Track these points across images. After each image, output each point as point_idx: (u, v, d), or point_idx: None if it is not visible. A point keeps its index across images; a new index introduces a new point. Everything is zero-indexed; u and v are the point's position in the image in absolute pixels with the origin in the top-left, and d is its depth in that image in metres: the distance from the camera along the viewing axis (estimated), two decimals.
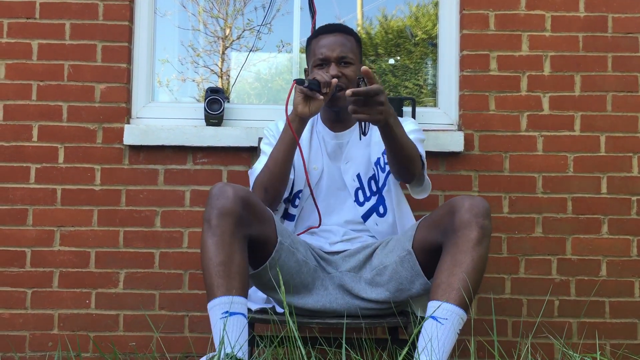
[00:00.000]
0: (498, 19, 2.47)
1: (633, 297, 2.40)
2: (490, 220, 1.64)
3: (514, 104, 2.45)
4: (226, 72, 2.96)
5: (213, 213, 1.62)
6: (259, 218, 1.70)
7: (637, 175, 2.43)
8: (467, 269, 1.57)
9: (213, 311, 1.58)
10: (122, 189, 2.43)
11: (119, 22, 2.46)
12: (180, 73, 2.78)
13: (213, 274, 1.59)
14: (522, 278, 2.41)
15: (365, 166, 1.98)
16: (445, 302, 1.55)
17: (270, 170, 1.84)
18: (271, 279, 1.77)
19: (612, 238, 2.42)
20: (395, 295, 1.80)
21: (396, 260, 1.79)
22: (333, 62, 1.92)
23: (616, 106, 2.45)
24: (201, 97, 2.83)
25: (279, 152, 1.84)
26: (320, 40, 1.95)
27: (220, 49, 2.94)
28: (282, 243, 1.75)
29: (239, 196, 1.63)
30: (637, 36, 2.46)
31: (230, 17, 2.93)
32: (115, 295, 2.40)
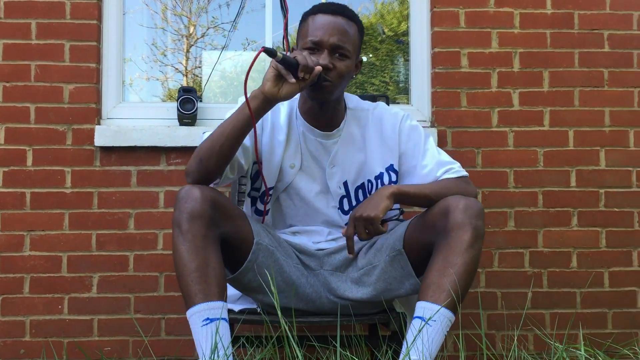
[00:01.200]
0: (468, 16, 2.50)
1: (603, 288, 2.46)
2: (483, 221, 1.61)
3: (485, 100, 2.48)
4: (191, 70, 2.93)
5: (183, 217, 1.56)
6: (230, 217, 1.65)
7: (604, 169, 2.49)
8: (459, 271, 1.55)
9: (193, 319, 1.54)
10: (94, 191, 2.39)
11: (87, 21, 2.41)
12: (144, 72, 2.74)
13: (189, 281, 1.54)
14: (496, 271, 2.45)
15: (355, 173, 1.83)
16: (434, 304, 1.53)
17: (213, 141, 1.61)
18: (251, 281, 1.74)
19: (582, 230, 2.48)
20: (383, 294, 1.77)
21: (386, 259, 1.75)
22: (327, 50, 1.67)
23: (583, 101, 2.51)
24: (166, 97, 2.80)
25: (229, 126, 1.61)
26: (317, 18, 1.69)
27: (184, 47, 2.91)
28: (260, 243, 1.71)
29: (208, 197, 1.57)
30: (602, 32, 2.52)
31: (194, 15, 2.90)
32: (89, 300, 2.36)
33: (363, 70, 3.01)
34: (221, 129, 1.63)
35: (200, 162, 1.63)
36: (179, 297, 2.36)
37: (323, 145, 1.82)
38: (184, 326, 2.33)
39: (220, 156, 1.62)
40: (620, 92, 2.51)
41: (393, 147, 1.84)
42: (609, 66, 2.52)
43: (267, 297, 1.78)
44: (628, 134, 2.51)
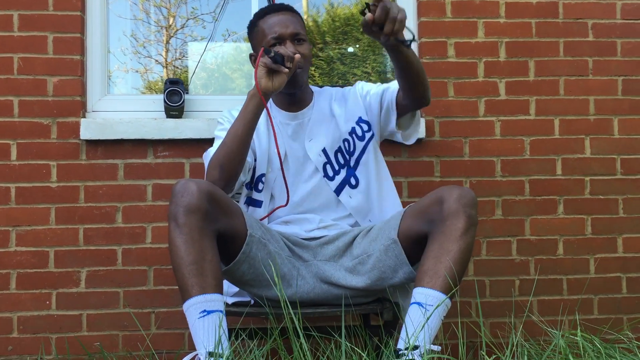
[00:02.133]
0: (454, 6, 2.50)
1: (588, 274, 2.50)
2: (476, 210, 1.66)
3: (472, 89, 2.50)
4: (171, 62, 2.90)
5: (179, 211, 1.57)
6: (226, 212, 1.67)
7: (589, 157, 2.53)
8: (454, 257, 1.59)
9: (190, 311, 1.55)
10: (81, 185, 2.36)
11: (70, 13, 2.37)
12: (123, 64, 2.71)
13: (186, 274, 1.55)
14: (484, 260, 2.47)
15: (331, 140, 1.95)
16: (431, 289, 1.56)
17: (228, 146, 1.75)
18: (244, 273, 1.75)
19: (568, 218, 2.51)
20: (377, 283, 1.80)
21: (380, 248, 1.78)
22: (288, 40, 1.88)
23: (568, 90, 2.54)
24: (146, 89, 2.77)
25: (238, 128, 1.75)
26: (268, 19, 1.91)
27: (164, 38, 2.88)
28: (253, 235, 1.72)
29: (204, 191, 1.59)
30: (586, 21, 2.54)
31: (173, 6, 2.87)
32: (77, 295, 2.33)
33: (345, 61, 3.01)
34: (232, 133, 1.75)
35: (222, 168, 1.74)
36: (168, 291, 2.35)
37: (300, 125, 1.97)
38: (174, 320, 2.33)
39: (238, 158, 1.75)
40: (604, 80, 2.54)
41: (357, 101, 2.00)
42: (593, 55, 2.54)
43: (261, 290, 1.79)
44: (612, 122, 2.54)
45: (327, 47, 3.07)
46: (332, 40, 3.09)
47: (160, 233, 2.36)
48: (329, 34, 3.11)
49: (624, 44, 2.55)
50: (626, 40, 2.55)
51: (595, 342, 1.27)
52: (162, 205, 2.37)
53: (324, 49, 3.05)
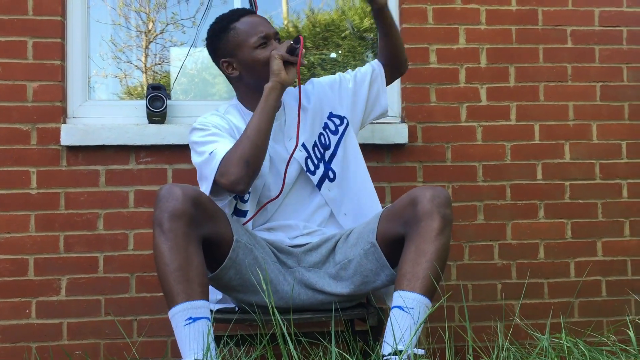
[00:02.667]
0: (436, 12, 2.53)
1: (569, 278, 2.53)
2: (451, 209, 1.67)
3: (454, 95, 2.52)
4: (151, 67, 2.88)
5: (164, 216, 1.56)
6: (211, 217, 1.66)
7: (569, 162, 2.56)
8: (431, 258, 1.60)
9: (175, 319, 1.54)
10: (61, 192, 2.33)
11: (50, 17, 2.34)
12: (102, 69, 2.68)
13: (171, 280, 1.53)
14: (467, 264, 2.49)
15: (308, 134, 1.94)
16: (411, 292, 1.57)
17: (253, 141, 1.69)
18: (231, 279, 1.74)
19: (548, 222, 2.54)
20: (360, 288, 1.81)
21: (360, 253, 1.79)
22: (272, 39, 1.87)
23: (548, 96, 2.57)
24: (124, 94, 2.75)
25: (261, 122, 1.71)
26: (246, 20, 1.87)
27: (143, 43, 2.86)
28: (239, 241, 1.72)
29: (189, 196, 1.58)
30: (565, 28, 2.58)
31: (153, 11, 2.86)
32: (58, 303, 2.30)
33: (326, 66, 3.02)
34: (255, 128, 1.71)
35: (248, 164, 1.67)
36: (151, 298, 2.33)
37: (278, 127, 1.92)
38: (157, 328, 2.31)
39: (264, 152, 1.72)
40: (583, 86, 2.58)
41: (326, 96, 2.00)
42: (572, 61, 2.58)
43: (247, 296, 1.78)
44: (591, 128, 2.58)
45: (308, 53, 3.08)
46: (313, 45, 3.09)
47: (143, 240, 2.34)
48: (310, 40, 3.11)
49: (602, 51, 2.59)
50: (604, 47, 2.59)
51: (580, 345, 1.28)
52: (145, 212, 2.35)
53: (304, 55, 3.04)
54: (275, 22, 3.13)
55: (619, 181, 2.58)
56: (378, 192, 2.42)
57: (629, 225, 2.57)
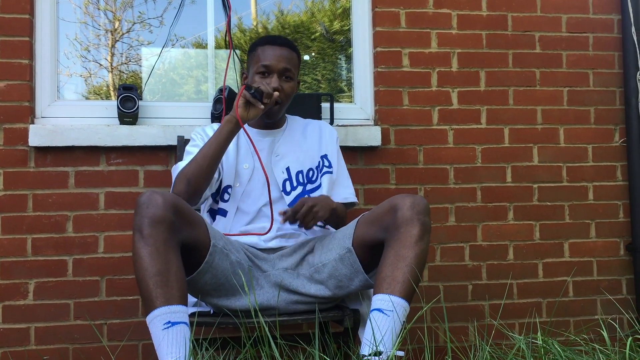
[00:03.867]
0: (408, 16, 2.55)
1: (537, 278, 2.58)
2: (429, 217, 1.70)
3: (426, 99, 2.54)
4: (117, 66, 2.84)
5: (144, 222, 1.56)
6: (190, 223, 1.67)
7: (537, 165, 2.61)
8: (411, 263, 1.63)
9: (153, 323, 1.52)
10: (29, 194, 2.28)
11: (18, 15, 2.29)
12: (66, 68, 2.63)
13: (150, 284, 1.53)
14: (439, 265, 2.51)
15: (296, 163, 2.03)
16: (390, 295, 1.59)
17: (198, 163, 1.83)
18: (206, 283, 1.74)
19: (517, 224, 2.58)
20: (335, 292, 1.83)
21: (335, 257, 1.81)
22: (276, 74, 1.97)
23: (517, 100, 2.62)
24: (89, 93, 2.70)
25: (210, 148, 1.84)
26: (267, 48, 1.99)
27: (109, 42, 2.82)
28: (216, 245, 1.73)
29: (169, 202, 1.59)
30: (534, 34, 2.63)
31: (119, 10, 2.82)
32: (25, 307, 2.25)
33: None
34: (204, 152, 1.83)
35: (189, 183, 1.81)
36: (121, 302, 2.30)
37: (271, 141, 2.04)
38: (127, 332, 2.27)
39: (205, 175, 1.83)
40: (550, 91, 2.64)
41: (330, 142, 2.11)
42: (540, 66, 2.63)
43: (221, 300, 1.78)
44: (558, 132, 2.64)
45: None
46: None
47: (113, 242, 2.31)
48: None
49: (569, 56, 2.65)
50: (571, 53, 2.65)
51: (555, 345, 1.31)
52: (115, 214, 2.32)
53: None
54: (245, 22, 3.12)
55: (585, 184, 2.64)
56: None
57: (594, 227, 2.63)
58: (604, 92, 2.67)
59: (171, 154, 2.34)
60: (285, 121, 2.13)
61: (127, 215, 2.32)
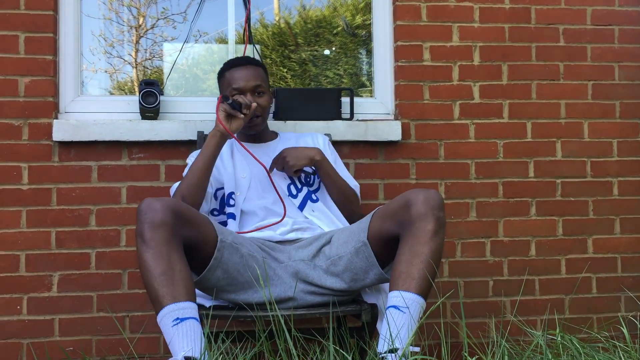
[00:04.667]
0: (429, 10, 2.53)
1: (560, 274, 2.55)
2: (444, 212, 1.69)
3: (447, 93, 2.52)
4: (141, 62, 2.87)
5: (144, 227, 1.60)
6: (192, 223, 1.69)
7: (560, 159, 2.58)
8: (426, 259, 1.62)
9: (163, 321, 1.55)
10: (53, 188, 2.32)
11: (42, 12, 2.33)
12: (91, 64, 2.67)
13: (155, 285, 1.56)
14: (459, 261, 2.50)
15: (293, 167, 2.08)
16: (406, 292, 1.59)
17: (189, 179, 1.93)
18: (219, 279, 1.76)
19: (540, 219, 2.55)
20: (350, 285, 1.83)
21: (351, 250, 1.81)
22: (249, 92, 2.08)
23: (540, 94, 2.58)
24: (114, 89, 2.74)
25: (199, 163, 1.94)
26: (234, 72, 2.11)
27: (134, 38, 2.85)
28: (224, 241, 1.75)
29: (168, 207, 1.62)
30: (558, 27, 2.60)
31: (143, 6, 2.85)
32: (49, 299, 2.29)
33: (317, 62, 3.02)
34: (194, 168, 1.94)
35: (183, 199, 1.89)
36: (143, 294, 2.33)
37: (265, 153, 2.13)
38: (149, 324, 2.31)
39: (199, 188, 1.93)
40: (575, 85, 2.60)
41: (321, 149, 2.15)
42: (564, 60, 2.60)
43: (237, 295, 1.79)
44: (582, 126, 2.60)
45: (299, 49, 3.07)
46: (304, 42, 3.09)
47: (135, 236, 2.33)
48: (301, 36, 3.11)
49: (594, 49, 2.61)
50: (596, 46, 2.61)
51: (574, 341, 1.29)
52: None
53: (295, 51, 3.05)
54: (267, 18, 3.12)
55: (610, 179, 2.60)
56: (371, 189, 2.45)
57: (619, 223, 2.59)
58: (630, 85, 2.63)
59: (191, 149, 2.36)
60: (277, 135, 2.24)
61: None
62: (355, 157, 2.46)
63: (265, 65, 2.35)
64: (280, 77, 3.00)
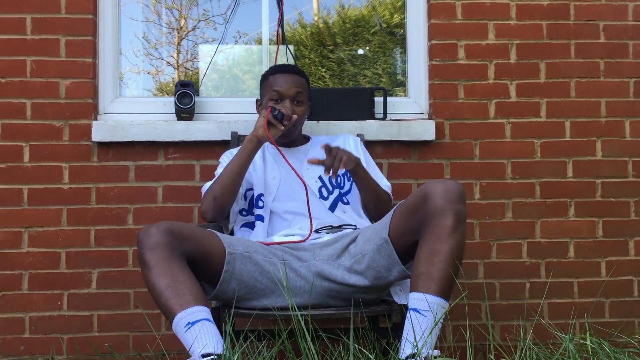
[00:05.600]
0: (465, 8, 2.50)
1: (599, 277, 2.49)
2: (464, 204, 1.62)
3: (482, 92, 2.49)
4: (182, 63, 2.92)
5: (144, 252, 1.64)
6: (190, 239, 1.71)
7: (600, 159, 2.51)
8: (446, 258, 1.57)
9: (177, 329, 1.59)
10: (92, 187, 2.38)
11: (82, 16, 2.39)
12: (135, 66, 2.73)
13: (163, 299, 1.60)
14: (494, 262, 2.46)
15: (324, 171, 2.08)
16: (426, 294, 1.55)
17: (223, 180, 1.96)
18: (236, 290, 1.78)
19: (579, 220, 2.50)
20: (374, 282, 1.80)
21: (374, 248, 1.78)
22: (288, 99, 2.10)
23: (579, 92, 2.52)
24: (157, 90, 2.79)
25: (234, 166, 1.97)
26: (278, 76, 2.13)
27: (175, 40, 2.90)
28: (233, 253, 1.76)
29: (162, 229, 1.65)
30: (598, 23, 2.53)
31: (185, 8, 2.89)
32: (88, 296, 2.35)
33: (356, 62, 3.02)
34: (228, 170, 1.98)
35: (215, 200, 1.95)
36: None
37: (297, 157, 2.14)
38: None
39: (230, 192, 1.97)
40: (616, 82, 2.53)
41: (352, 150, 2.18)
42: (604, 57, 2.53)
43: (259, 301, 1.81)
44: (624, 124, 2.53)
45: (337, 49, 3.08)
46: (343, 41, 3.09)
47: None
48: (340, 36, 3.11)
49: (636, 46, 2.54)
50: (638, 42, 2.54)
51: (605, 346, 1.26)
52: (173, 207, 2.39)
53: (334, 51, 3.06)
54: (305, 18, 3.14)
55: None
56: (404, 190, 2.43)
57: None
58: None
59: (225, 149, 2.39)
60: (309, 139, 2.26)
61: (184, 208, 2.39)
62: (388, 157, 2.45)
63: (304, 65, 2.36)
64: (318, 77, 3.02)
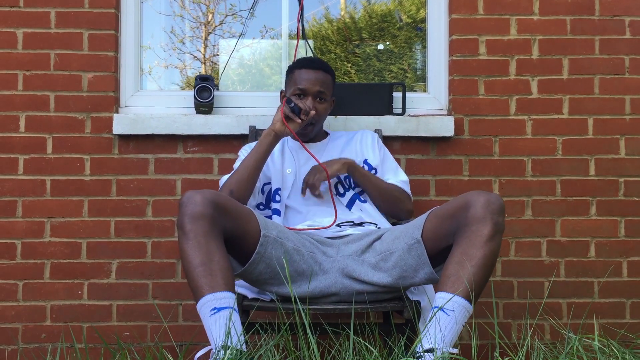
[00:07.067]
0: (486, 3, 2.47)
1: (621, 277, 2.44)
2: (503, 217, 1.65)
3: (503, 88, 2.46)
4: (209, 58, 2.94)
5: (185, 219, 1.64)
6: (232, 215, 1.72)
7: (624, 157, 2.46)
8: (478, 263, 1.59)
9: (202, 310, 1.60)
10: (113, 179, 2.42)
11: (105, 10, 2.43)
12: (162, 60, 2.76)
13: (195, 275, 1.61)
14: (513, 260, 2.44)
15: None
16: (453, 295, 1.56)
17: (240, 174, 1.96)
18: (262, 272, 1.79)
19: (600, 219, 2.45)
20: (398, 282, 1.81)
21: (404, 247, 1.79)
22: (311, 96, 2.09)
23: (603, 89, 2.48)
24: (185, 84, 2.81)
25: (250, 160, 1.97)
26: (303, 72, 2.11)
27: (202, 35, 2.92)
28: (267, 236, 1.77)
29: (208, 199, 1.65)
30: (623, 19, 2.48)
31: (212, 3, 2.91)
32: (108, 286, 2.39)
33: (381, 57, 3.01)
34: (245, 164, 1.97)
35: (231, 193, 1.94)
36: None
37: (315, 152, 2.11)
38: None
39: (247, 185, 1.96)
40: None
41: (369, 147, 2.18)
42: (630, 53, 2.48)
43: (281, 288, 1.82)
44: None
45: (363, 44, 3.08)
46: (369, 36, 3.09)
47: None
48: (366, 31, 3.11)
49: None
50: None
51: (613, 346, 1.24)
52: None
53: (360, 46, 3.05)
54: (332, 12, 3.14)
55: None
56: (422, 185, 2.42)
57: None
58: None
59: (244, 143, 2.41)
60: (327, 135, 2.24)
61: None
62: (406, 152, 2.44)
63: (329, 60, 2.36)
64: (344, 72, 3.02)
